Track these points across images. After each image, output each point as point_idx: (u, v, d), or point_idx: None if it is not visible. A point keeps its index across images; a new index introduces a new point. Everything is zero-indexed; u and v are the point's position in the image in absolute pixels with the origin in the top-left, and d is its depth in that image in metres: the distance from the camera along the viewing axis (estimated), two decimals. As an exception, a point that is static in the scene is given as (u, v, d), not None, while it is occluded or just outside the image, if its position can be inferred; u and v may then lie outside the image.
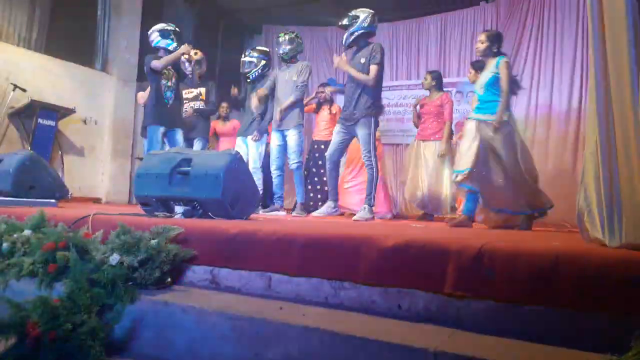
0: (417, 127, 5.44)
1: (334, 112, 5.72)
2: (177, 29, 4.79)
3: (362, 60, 4.11)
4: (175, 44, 4.65)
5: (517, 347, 1.28)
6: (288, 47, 4.63)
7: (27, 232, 2.18)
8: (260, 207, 4.41)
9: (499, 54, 3.64)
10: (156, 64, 4.51)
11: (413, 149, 5.37)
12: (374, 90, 4.12)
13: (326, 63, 8.07)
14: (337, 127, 4.28)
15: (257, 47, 5.18)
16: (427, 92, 5.41)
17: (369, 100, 4.07)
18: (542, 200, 3.45)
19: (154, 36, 4.68)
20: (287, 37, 4.68)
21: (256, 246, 1.88)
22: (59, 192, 3.99)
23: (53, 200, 3.72)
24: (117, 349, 1.66)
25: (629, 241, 1.48)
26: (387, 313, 1.57)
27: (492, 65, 3.58)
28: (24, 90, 5.30)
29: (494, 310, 1.42)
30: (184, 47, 4.58)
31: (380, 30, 7.83)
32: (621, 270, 1.27)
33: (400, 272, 1.58)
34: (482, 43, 3.68)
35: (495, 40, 3.68)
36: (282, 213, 4.64)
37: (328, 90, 5.80)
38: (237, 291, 1.87)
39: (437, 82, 5.23)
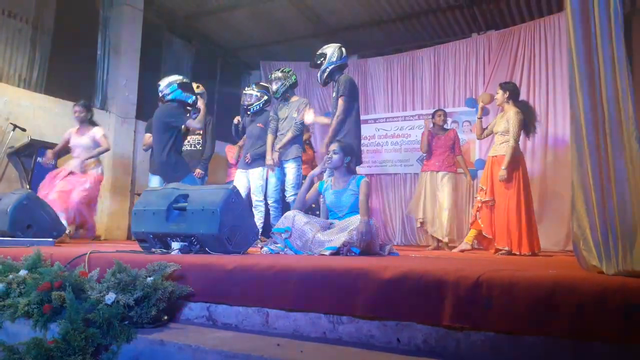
0: (423, 151, 5.58)
1: None
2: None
3: (334, 94, 4.21)
4: (194, 98, 4.59)
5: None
6: (278, 84, 4.69)
7: (22, 273, 2.17)
8: (259, 241, 4.39)
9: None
10: (195, 125, 4.57)
11: (426, 179, 5.47)
12: (354, 127, 4.13)
13: (322, 97, 8.22)
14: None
15: (260, 83, 5.26)
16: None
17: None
18: None
19: (172, 89, 4.47)
20: (277, 74, 4.75)
21: (253, 281, 1.87)
22: (56, 231, 3.99)
23: (50, 239, 3.71)
24: (113, 391, 1.63)
25: (626, 268, 1.48)
26: (386, 347, 1.54)
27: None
28: (23, 129, 5.35)
29: (494, 342, 1.41)
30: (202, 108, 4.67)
31: (374, 64, 8.06)
32: (619, 298, 1.26)
33: (398, 305, 1.56)
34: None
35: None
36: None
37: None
38: (234, 328, 1.85)
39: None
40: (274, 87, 4.71)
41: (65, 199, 4.71)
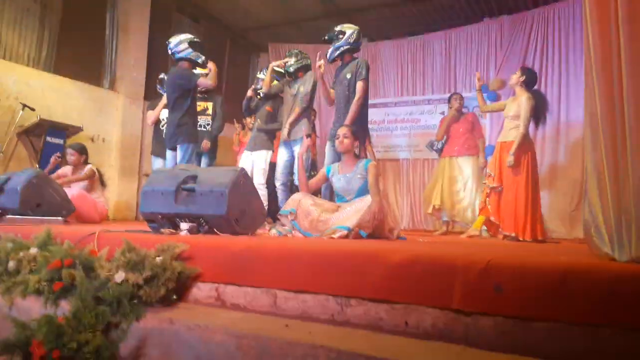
0: (439, 137, 5.51)
1: None
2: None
3: (348, 76, 4.14)
4: (203, 57, 4.52)
5: (527, 365, 1.25)
6: (293, 59, 4.66)
7: (33, 250, 2.19)
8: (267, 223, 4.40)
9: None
10: (207, 82, 4.33)
11: (444, 165, 5.41)
12: (365, 110, 4.12)
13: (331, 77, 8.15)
14: (328, 145, 4.27)
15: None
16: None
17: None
18: None
19: (182, 47, 4.42)
20: (295, 51, 4.77)
21: (261, 262, 1.87)
22: (65, 210, 4.01)
23: (60, 218, 3.73)
24: (122, 368, 1.65)
25: (638, 255, 1.46)
26: (395, 330, 1.54)
27: None
28: (32, 109, 5.36)
29: (503, 326, 1.40)
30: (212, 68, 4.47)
31: (384, 48, 7.98)
32: (632, 284, 1.25)
33: (407, 288, 1.56)
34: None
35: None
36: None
37: None
38: (243, 308, 1.86)
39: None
40: (289, 60, 4.68)
41: None
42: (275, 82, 4.91)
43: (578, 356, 1.25)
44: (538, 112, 4.17)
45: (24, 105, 5.32)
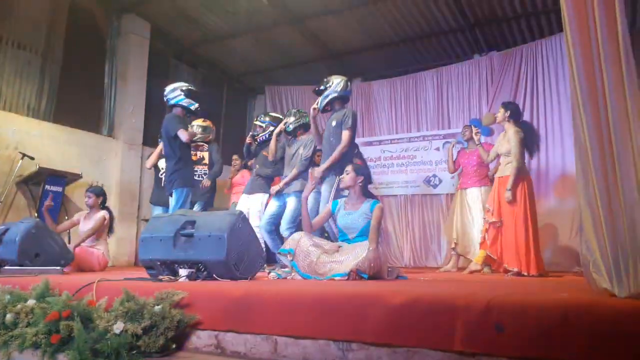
0: (451, 171, 5.56)
1: None
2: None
3: (334, 124, 4.23)
4: (196, 105, 4.67)
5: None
6: (292, 119, 4.80)
7: (31, 302, 2.17)
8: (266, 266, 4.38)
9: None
10: (183, 136, 4.43)
11: (457, 198, 5.39)
12: (345, 155, 4.16)
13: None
14: (324, 187, 4.29)
15: (270, 113, 5.38)
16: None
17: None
18: None
19: (176, 94, 4.61)
20: (293, 111, 4.92)
21: (261, 308, 1.86)
22: (64, 259, 3.99)
23: (58, 268, 3.71)
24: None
25: (638, 290, 1.46)
26: (397, 374, 1.52)
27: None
28: (32, 158, 5.41)
29: (506, 368, 1.38)
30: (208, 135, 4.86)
31: (378, 87, 8.13)
32: (632, 322, 1.24)
33: (408, 331, 1.54)
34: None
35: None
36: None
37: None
38: (243, 356, 1.83)
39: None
40: (288, 120, 4.82)
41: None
42: (272, 127, 5.01)
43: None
44: (529, 143, 4.24)
45: (23, 155, 5.37)
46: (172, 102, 4.62)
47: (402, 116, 7.91)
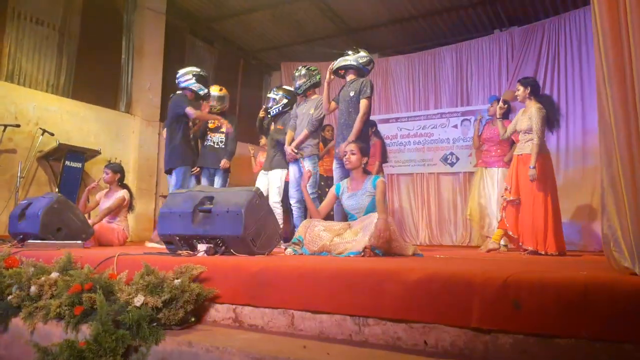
0: (476, 146, 5.55)
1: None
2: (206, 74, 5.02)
3: (352, 94, 4.15)
4: (206, 90, 4.90)
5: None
6: (302, 80, 4.71)
7: (54, 275, 2.22)
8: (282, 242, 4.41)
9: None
10: (191, 112, 4.64)
11: (478, 176, 5.39)
12: (364, 125, 4.11)
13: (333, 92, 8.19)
14: (335, 164, 4.28)
15: (283, 87, 5.29)
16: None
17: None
18: None
19: (187, 77, 4.82)
20: (302, 71, 4.77)
21: (278, 283, 1.88)
22: (85, 233, 4.07)
23: (80, 242, 3.79)
24: (142, 391, 1.65)
25: (660, 269, 1.44)
26: (413, 350, 1.53)
27: None
28: (52, 134, 5.48)
29: (523, 344, 1.38)
30: (220, 120, 4.95)
31: (395, 63, 8.02)
32: (654, 300, 1.23)
33: (425, 307, 1.55)
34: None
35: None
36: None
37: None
38: (260, 329, 1.86)
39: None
40: (298, 82, 4.73)
41: None
42: (285, 99, 4.97)
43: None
44: (550, 119, 4.15)
45: (44, 131, 5.45)
46: (183, 84, 4.84)
47: (420, 93, 7.81)
